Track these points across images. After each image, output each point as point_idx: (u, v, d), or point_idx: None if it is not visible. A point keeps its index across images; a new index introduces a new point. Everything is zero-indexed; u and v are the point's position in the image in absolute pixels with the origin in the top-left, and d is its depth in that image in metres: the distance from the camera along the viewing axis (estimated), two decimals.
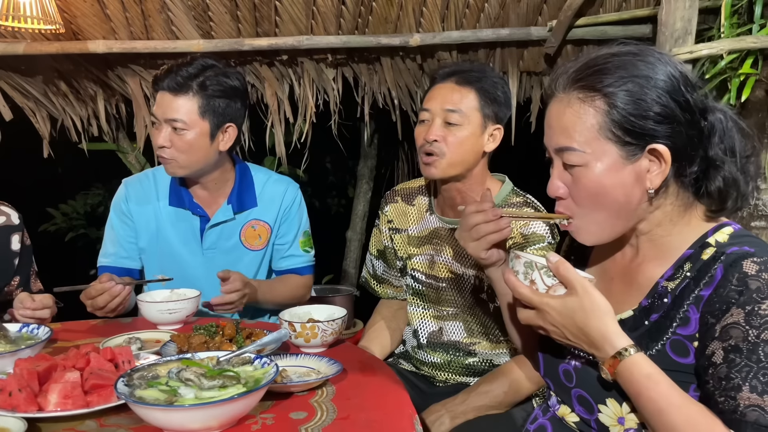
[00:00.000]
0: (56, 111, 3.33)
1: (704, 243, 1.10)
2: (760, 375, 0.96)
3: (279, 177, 2.21)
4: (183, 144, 1.93)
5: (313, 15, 2.89)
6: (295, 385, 1.28)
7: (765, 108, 2.33)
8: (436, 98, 1.79)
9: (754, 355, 0.97)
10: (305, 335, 1.50)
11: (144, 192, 2.11)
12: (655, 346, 1.09)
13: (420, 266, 1.92)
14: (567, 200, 1.15)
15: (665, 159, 1.06)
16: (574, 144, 1.10)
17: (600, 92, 1.08)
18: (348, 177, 5.27)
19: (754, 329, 0.98)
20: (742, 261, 1.01)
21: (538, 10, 2.91)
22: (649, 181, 1.08)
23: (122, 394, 1.08)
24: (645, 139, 1.06)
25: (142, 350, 1.47)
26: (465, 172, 1.80)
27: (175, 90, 1.91)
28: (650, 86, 1.06)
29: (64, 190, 5.15)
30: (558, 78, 1.14)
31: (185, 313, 1.73)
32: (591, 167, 1.09)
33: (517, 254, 1.14)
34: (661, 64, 1.08)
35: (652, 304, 1.12)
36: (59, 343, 1.60)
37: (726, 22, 2.37)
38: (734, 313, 1.00)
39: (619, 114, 1.06)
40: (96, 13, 2.84)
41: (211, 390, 1.10)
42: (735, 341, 0.99)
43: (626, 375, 1.04)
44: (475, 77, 1.78)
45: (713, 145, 1.10)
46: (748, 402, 0.96)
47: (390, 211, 2.03)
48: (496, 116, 1.80)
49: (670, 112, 1.06)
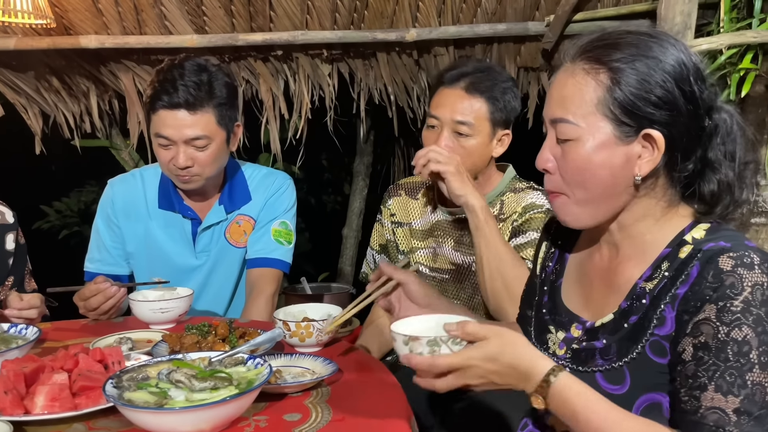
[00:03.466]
0: (48, 107, 3.29)
1: (681, 241, 1.07)
2: (726, 375, 0.94)
3: (269, 170, 2.15)
4: (207, 158, 1.86)
5: (308, 10, 2.86)
6: (289, 386, 1.25)
7: (765, 103, 2.31)
8: (444, 106, 1.76)
9: (722, 353, 0.95)
10: (300, 334, 1.47)
11: (131, 194, 2.04)
12: (636, 349, 1.06)
13: (424, 260, 1.91)
14: (555, 176, 1.12)
15: (658, 146, 1.03)
16: (569, 116, 1.07)
17: (606, 65, 1.05)
18: (344, 174, 5.24)
19: (724, 326, 0.95)
20: (718, 257, 0.98)
21: (536, 5, 2.88)
22: (638, 167, 1.05)
23: (111, 396, 1.05)
24: (642, 122, 1.03)
25: (133, 350, 1.44)
26: (473, 175, 1.79)
27: (191, 106, 1.80)
28: (658, 68, 1.02)
29: (58, 187, 5.11)
30: (570, 48, 1.12)
31: (178, 312, 1.70)
32: (582, 142, 1.06)
33: (414, 337, 1.09)
34: (674, 50, 1.04)
35: (630, 306, 1.09)
36: (48, 343, 1.57)
37: (725, 17, 2.34)
38: (707, 309, 0.97)
39: (621, 91, 1.03)
40: (88, 8, 2.80)
41: (203, 392, 1.08)
42: (705, 338, 0.97)
43: (559, 397, 1.00)
44: (486, 86, 1.75)
45: (714, 146, 1.07)
46: (710, 403, 0.94)
47: (393, 205, 2.02)
48: (505, 122, 1.79)
49: (673, 99, 1.03)
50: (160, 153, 1.87)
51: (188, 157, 1.84)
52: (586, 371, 1.11)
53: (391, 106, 3.40)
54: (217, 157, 1.89)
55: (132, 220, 2.03)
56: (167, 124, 1.81)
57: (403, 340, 1.09)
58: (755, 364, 0.93)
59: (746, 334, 0.94)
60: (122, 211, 2.03)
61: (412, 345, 1.08)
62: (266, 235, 2.05)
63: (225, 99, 1.87)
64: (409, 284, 1.38)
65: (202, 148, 1.84)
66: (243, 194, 2.06)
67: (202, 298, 2.07)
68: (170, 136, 1.82)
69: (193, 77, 1.81)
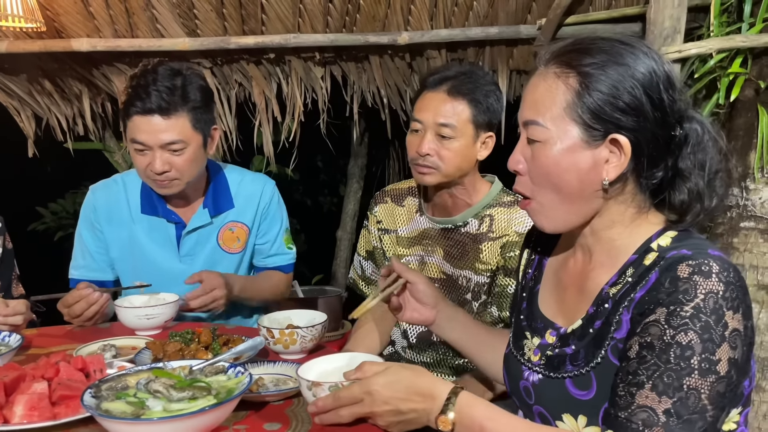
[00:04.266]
0: (41, 110, 3.29)
1: (648, 248, 1.08)
2: (665, 376, 0.95)
3: (254, 176, 2.16)
4: (184, 163, 1.86)
5: (300, 13, 2.86)
6: (270, 394, 1.25)
7: (754, 107, 2.30)
8: (427, 109, 1.77)
9: (664, 354, 0.95)
10: (284, 341, 1.47)
11: (113, 199, 2.03)
12: (600, 354, 1.06)
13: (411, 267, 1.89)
14: (525, 177, 1.13)
15: (625, 152, 1.04)
16: (539, 118, 1.08)
17: (576, 70, 1.05)
18: (339, 175, 5.24)
19: (671, 329, 0.96)
20: (678, 265, 0.99)
21: (528, 9, 2.88)
22: (605, 172, 1.06)
23: (88, 406, 1.05)
24: (609, 126, 1.04)
25: (116, 357, 1.44)
26: (459, 179, 1.81)
27: (164, 111, 1.78)
28: (627, 75, 1.04)
29: (54, 188, 5.11)
30: (544, 53, 1.13)
31: (163, 318, 1.69)
32: (551, 144, 1.07)
33: (316, 382, 1.14)
34: (645, 58, 1.05)
35: (596, 311, 1.10)
36: (32, 350, 1.56)
37: (715, 21, 2.34)
38: (658, 312, 0.98)
39: (589, 96, 1.04)
40: (79, 11, 2.80)
41: (180, 402, 1.07)
42: (651, 338, 0.97)
43: (464, 414, 1.05)
44: (468, 88, 1.76)
45: (684, 156, 1.07)
46: (643, 401, 0.95)
47: (379, 212, 2.02)
48: (489, 124, 1.80)
49: (640, 105, 1.03)
50: (136, 159, 1.87)
51: (164, 161, 1.83)
52: (557, 377, 1.12)
53: (384, 108, 3.40)
54: (194, 160, 1.88)
55: (115, 225, 2.02)
56: (142, 129, 1.80)
57: (306, 385, 1.15)
58: (695, 369, 0.94)
59: (691, 339, 0.94)
60: (105, 217, 2.02)
61: (315, 390, 1.14)
62: (280, 245, 2.16)
63: (199, 102, 1.86)
64: (417, 284, 1.41)
65: (178, 153, 1.84)
66: (226, 199, 2.07)
67: None
68: (145, 141, 1.81)
69: (166, 82, 1.80)
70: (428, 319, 1.44)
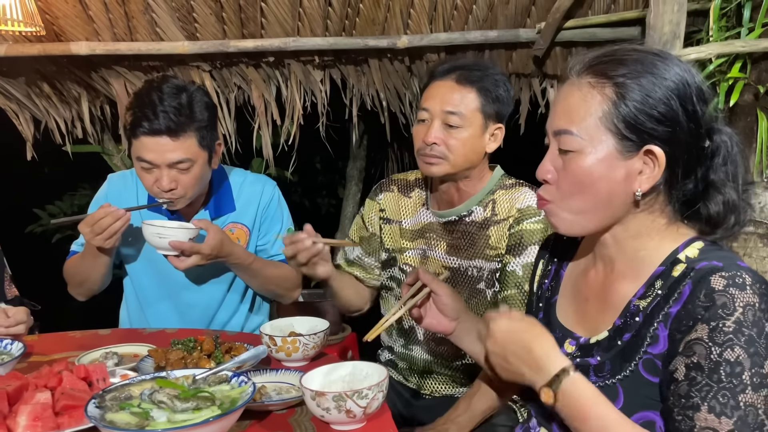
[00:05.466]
0: (39, 113, 3.28)
1: (675, 259, 1.08)
2: (719, 396, 0.95)
3: (255, 177, 2.17)
4: (190, 180, 1.87)
5: (299, 17, 2.85)
6: (273, 403, 1.25)
7: (753, 112, 2.31)
8: (435, 97, 1.73)
9: (715, 374, 0.96)
10: (286, 349, 1.48)
11: (126, 192, 2.08)
12: (629, 367, 1.07)
13: (412, 261, 1.88)
14: (551, 186, 1.13)
15: (659, 163, 1.04)
16: (573, 128, 1.08)
17: (611, 80, 1.06)
18: (338, 177, 5.24)
19: (717, 347, 0.96)
20: (710, 276, 0.99)
21: (527, 12, 2.88)
22: (639, 183, 1.06)
23: (92, 417, 1.05)
24: (644, 137, 1.04)
25: (119, 365, 1.44)
26: (466, 171, 1.76)
27: (173, 132, 1.79)
28: (662, 85, 1.04)
29: (51, 190, 5.09)
30: (576, 64, 1.13)
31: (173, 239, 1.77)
32: (585, 154, 1.07)
33: (320, 392, 1.16)
34: (678, 69, 1.06)
35: (624, 324, 1.10)
36: (34, 358, 1.56)
37: (714, 26, 2.35)
38: (699, 329, 0.98)
39: (625, 106, 1.04)
40: (78, 14, 2.79)
41: (185, 413, 1.07)
42: (697, 358, 0.97)
43: (570, 395, 1.04)
44: (477, 76, 1.72)
45: (716, 167, 1.08)
46: (704, 423, 0.95)
47: (384, 200, 1.98)
48: (498, 115, 1.75)
49: (675, 115, 1.04)
50: (143, 176, 1.88)
51: (171, 179, 1.85)
52: None
53: (383, 111, 3.40)
54: (200, 177, 1.90)
55: None
56: (150, 149, 1.81)
57: (310, 395, 1.17)
58: (747, 385, 0.94)
59: (738, 354, 0.95)
60: (116, 204, 2.01)
61: (319, 400, 1.16)
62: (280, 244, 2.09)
63: (206, 122, 1.87)
64: (441, 296, 1.40)
65: (185, 171, 1.85)
66: (228, 201, 2.09)
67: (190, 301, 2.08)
68: (153, 160, 1.82)
69: (173, 101, 1.80)
70: (447, 330, 1.43)
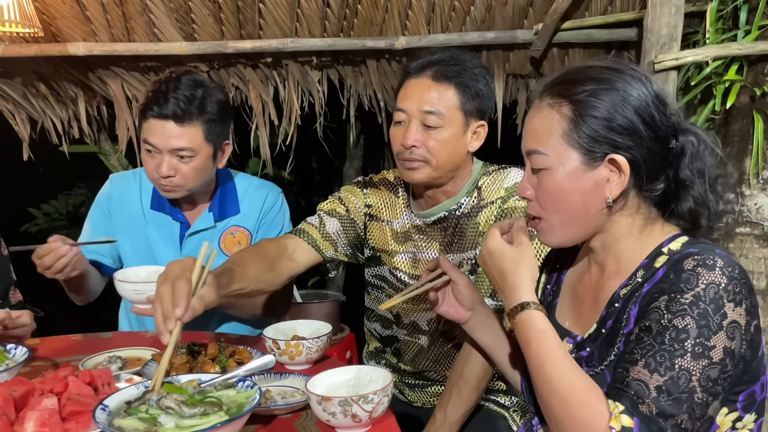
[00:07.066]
0: (36, 113, 3.27)
1: (659, 252, 1.12)
2: (658, 355, 0.99)
3: (260, 182, 2.18)
4: (189, 171, 1.89)
5: (297, 17, 2.85)
6: (279, 408, 1.26)
7: (749, 114, 2.33)
8: (411, 97, 1.63)
9: (660, 336, 1.00)
10: (290, 353, 1.48)
11: (128, 191, 2.09)
12: (613, 351, 1.11)
13: (403, 265, 1.82)
14: (534, 203, 1.19)
15: (624, 170, 1.09)
16: (540, 147, 1.14)
17: (567, 99, 1.12)
18: (334, 177, 5.24)
19: (670, 314, 1.00)
20: (684, 260, 1.04)
21: (524, 14, 2.89)
22: (608, 190, 1.11)
23: (100, 422, 1.05)
24: (606, 148, 1.09)
25: (123, 370, 1.45)
26: (451, 173, 1.69)
27: (179, 118, 1.82)
28: (617, 99, 1.09)
29: (46, 190, 5.08)
30: (537, 87, 1.20)
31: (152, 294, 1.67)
32: (554, 171, 1.13)
33: (326, 397, 1.17)
34: (633, 80, 1.11)
35: (608, 313, 1.15)
36: (37, 362, 1.56)
37: (711, 28, 2.37)
38: (660, 300, 1.03)
39: (583, 122, 1.10)
40: (76, 15, 2.78)
41: (192, 418, 1.08)
42: (650, 323, 1.03)
43: (523, 326, 1.13)
44: (454, 71, 1.62)
45: (683, 166, 1.12)
46: (636, 375, 1.00)
47: (371, 196, 1.88)
48: (479, 112, 1.66)
49: (633, 126, 1.09)
50: (146, 159, 1.91)
51: (171, 166, 1.87)
52: None
53: (380, 112, 3.40)
54: (200, 171, 1.91)
55: (126, 215, 2.06)
56: (155, 132, 1.85)
57: (316, 400, 1.18)
58: (688, 351, 0.98)
59: (688, 323, 0.99)
60: (117, 205, 2.07)
61: (325, 405, 1.17)
62: None
63: (216, 116, 1.89)
64: (460, 286, 1.44)
65: (185, 160, 1.87)
66: (233, 204, 2.09)
67: None
68: (156, 144, 1.86)
69: (187, 91, 1.84)
70: (462, 318, 1.47)
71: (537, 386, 1.09)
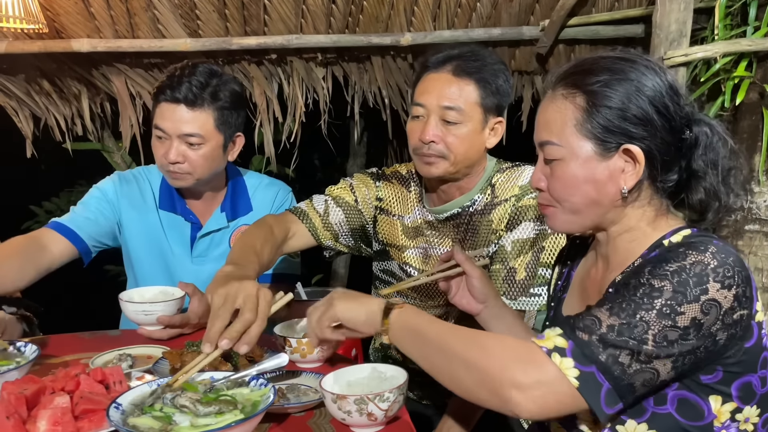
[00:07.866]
0: (39, 110, 3.26)
1: (660, 244, 1.12)
2: (624, 303, 1.00)
3: (271, 180, 2.17)
4: (198, 158, 1.87)
5: (302, 14, 2.84)
6: (293, 406, 1.25)
7: (758, 111, 2.32)
8: (431, 92, 1.61)
9: (633, 290, 1.01)
10: (301, 350, 1.47)
11: (138, 191, 2.04)
12: None
13: (413, 261, 1.81)
14: (545, 193, 1.19)
15: (639, 160, 1.09)
16: (553, 138, 1.14)
17: (581, 89, 1.11)
18: (337, 174, 5.23)
19: (650, 276, 1.01)
20: (678, 249, 1.04)
21: (530, 10, 2.88)
22: (623, 181, 1.11)
23: (114, 421, 1.04)
24: (620, 138, 1.10)
25: (133, 368, 1.43)
26: (467, 169, 1.68)
27: (191, 103, 1.82)
28: (631, 89, 1.09)
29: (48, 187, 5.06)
30: (551, 77, 1.19)
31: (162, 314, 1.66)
32: (567, 161, 1.13)
33: (341, 395, 1.17)
34: (647, 70, 1.11)
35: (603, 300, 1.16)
36: (46, 360, 1.54)
37: (720, 24, 2.36)
38: (645, 270, 1.03)
39: (597, 112, 1.10)
40: (80, 11, 2.77)
41: (207, 417, 1.07)
42: (629, 282, 1.04)
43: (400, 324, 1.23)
44: (475, 66, 1.61)
45: (696, 157, 1.12)
46: (595, 313, 1.02)
47: (383, 189, 1.87)
48: (498, 108, 1.65)
49: (648, 116, 1.09)
50: (156, 145, 1.90)
51: (179, 153, 1.85)
52: None
53: (385, 109, 3.39)
54: (209, 159, 1.89)
55: (136, 212, 2.02)
56: (166, 116, 1.84)
57: (331, 398, 1.17)
58: (655, 308, 0.98)
59: (664, 285, 0.99)
60: (128, 201, 2.02)
61: (340, 403, 1.16)
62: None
63: (228, 104, 1.88)
64: (473, 278, 1.44)
65: (195, 147, 1.86)
66: (245, 203, 2.08)
67: None
68: (166, 129, 1.84)
69: (201, 77, 1.84)
70: (474, 311, 1.47)
71: (447, 362, 1.12)
